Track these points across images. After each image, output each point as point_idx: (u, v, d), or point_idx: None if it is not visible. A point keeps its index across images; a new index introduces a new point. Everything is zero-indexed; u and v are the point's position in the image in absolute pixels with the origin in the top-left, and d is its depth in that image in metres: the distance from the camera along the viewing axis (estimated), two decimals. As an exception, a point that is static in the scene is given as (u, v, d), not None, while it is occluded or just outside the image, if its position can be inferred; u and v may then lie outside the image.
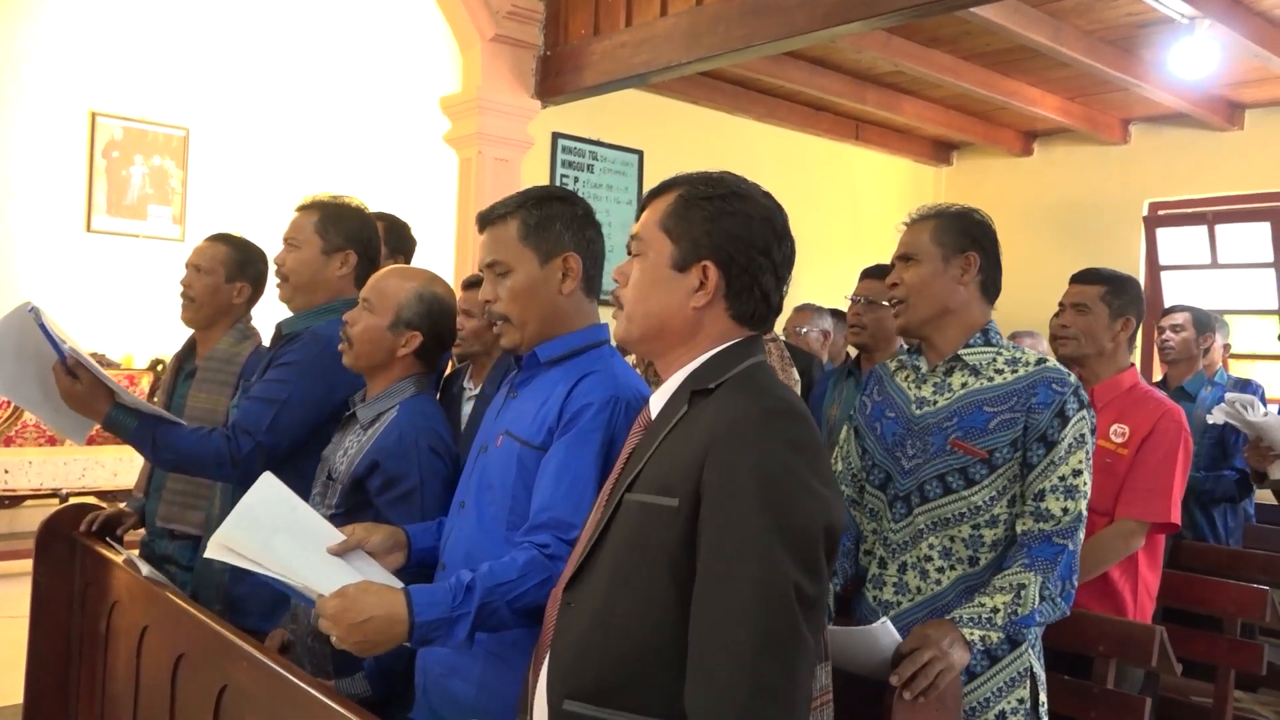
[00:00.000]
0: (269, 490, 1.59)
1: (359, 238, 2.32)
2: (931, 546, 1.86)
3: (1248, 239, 6.80)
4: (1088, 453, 1.83)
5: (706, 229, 1.28)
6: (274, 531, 1.53)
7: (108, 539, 2.60)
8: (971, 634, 1.69)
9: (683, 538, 1.16)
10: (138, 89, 6.02)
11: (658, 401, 1.32)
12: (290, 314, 2.33)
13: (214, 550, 1.49)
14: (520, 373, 1.67)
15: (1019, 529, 1.82)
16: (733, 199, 1.30)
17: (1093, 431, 1.86)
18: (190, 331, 2.68)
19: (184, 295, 2.59)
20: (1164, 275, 7.19)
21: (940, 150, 8.53)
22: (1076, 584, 1.83)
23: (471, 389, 3.09)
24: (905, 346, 3.86)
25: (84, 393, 2.14)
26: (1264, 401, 4.15)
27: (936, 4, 3.65)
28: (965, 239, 1.92)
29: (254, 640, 1.84)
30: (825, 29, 3.77)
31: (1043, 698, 1.88)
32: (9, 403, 5.45)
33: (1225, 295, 6.73)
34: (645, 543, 1.19)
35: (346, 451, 1.88)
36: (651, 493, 1.20)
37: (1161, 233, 7.22)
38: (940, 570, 1.85)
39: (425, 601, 1.37)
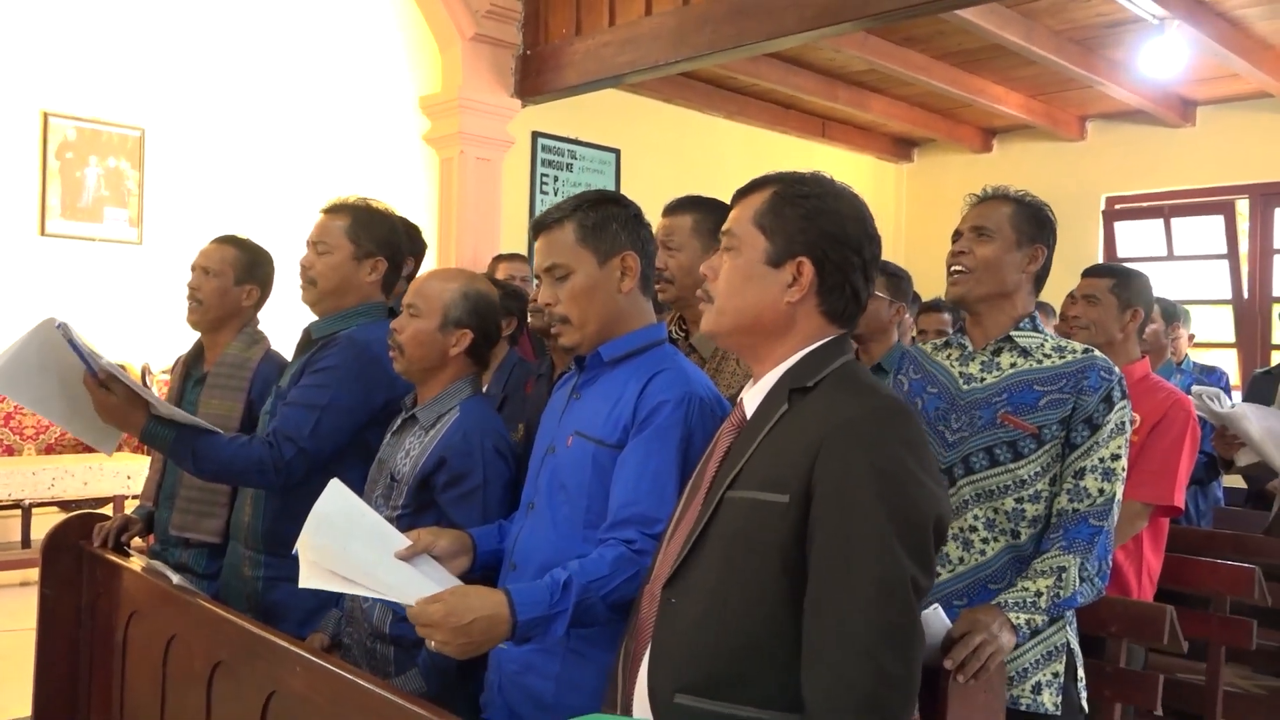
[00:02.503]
0: (338, 498, 1.59)
1: (389, 243, 2.31)
2: (976, 518, 1.91)
3: (1202, 231, 7.05)
4: (1126, 440, 1.90)
5: (802, 226, 1.31)
6: (349, 538, 1.53)
7: (125, 549, 2.55)
8: (1017, 618, 1.74)
9: (794, 533, 1.18)
10: (91, 88, 5.86)
11: (753, 400, 1.34)
12: (316, 318, 2.32)
13: (307, 580, 1.49)
14: (583, 374, 1.69)
15: (1055, 507, 1.88)
16: (828, 198, 1.33)
17: (1131, 422, 1.93)
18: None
19: (191, 298, 2.55)
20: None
21: (902, 147, 8.69)
22: (1111, 564, 1.89)
23: (477, 389, 3.10)
24: (914, 338, 3.90)
25: (120, 405, 2.12)
26: (1228, 387, 4.33)
27: (924, 5, 3.72)
28: (1039, 231, 1.98)
29: (306, 645, 1.84)
30: (815, 29, 3.83)
31: (1080, 673, 1.94)
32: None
33: (1182, 286, 6.95)
34: (754, 539, 1.21)
35: (409, 453, 1.89)
36: (759, 489, 1.22)
37: (1119, 226, 7.44)
38: (985, 541, 1.91)
39: (526, 601, 1.39)
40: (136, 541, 2.65)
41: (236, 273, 2.54)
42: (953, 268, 2.01)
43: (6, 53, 5.54)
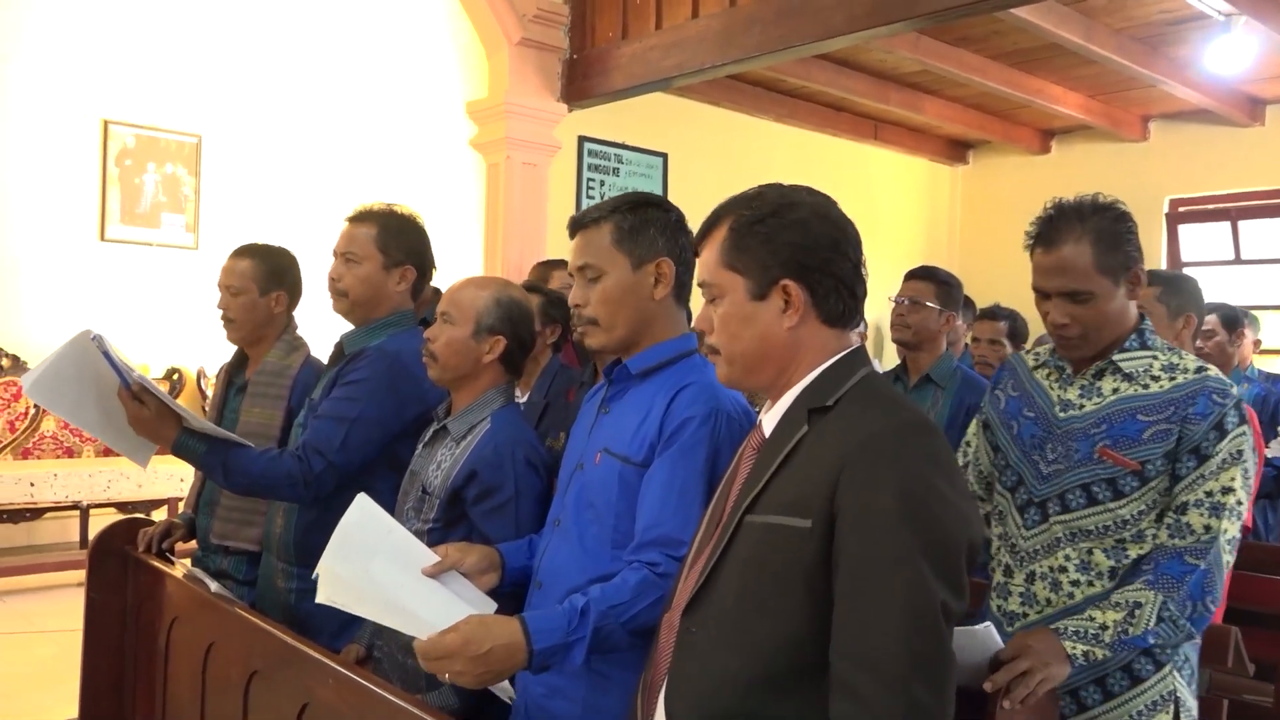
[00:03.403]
0: (365, 512, 1.58)
1: (418, 251, 2.29)
2: (1068, 558, 1.74)
3: (1271, 234, 6.81)
4: (1244, 471, 1.67)
5: (770, 250, 1.25)
6: (373, 555, 1.51)
7: (167, 554, 2.57)
8: (1074, 648, 1.61)
9: (819, 558, 1.13)
10: (150, 96, 5.99)
11: (770, 422, 1.29)
12: (350, 328, 2.31)
13: (323, 597, 1.48)
14: (611, 387, 1.65)
15: (1155, 543, 1.70)
16: (782, 211, 1.26)
17: (1253, 449, 1.70)
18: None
19: (223, 318, 2.56)
20: (1186, 272, 7.19)
21: (956, 149, 8.54)
22: (1213, 606, 1.68)
23: (519, 396, 3.08)
24: (967, 344, 3.75)
25: (151, 418, 2.13)
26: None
27: (975, 5, 3.62)
28: (1128, 253, 1.72)
29: (339, 657, 1.83)
30: (864, 30, 3.75)
31: None
32: (27, 413, 5.42)
33: (1249, 290, 6.73)
34: (776, 565, 1.16)
35: (440, 465, 1.87)
36: (780, 514, 1.17)
37: (1184, 229, 7.23)
38: (1075, 584, 1.74)
39: (541, 628, 1.36)
40: (182, 545, 2.67)
41: (260, 284, 2.52)
42: (1058, 336, 1.77)
43: (69, 63, 5.69)
